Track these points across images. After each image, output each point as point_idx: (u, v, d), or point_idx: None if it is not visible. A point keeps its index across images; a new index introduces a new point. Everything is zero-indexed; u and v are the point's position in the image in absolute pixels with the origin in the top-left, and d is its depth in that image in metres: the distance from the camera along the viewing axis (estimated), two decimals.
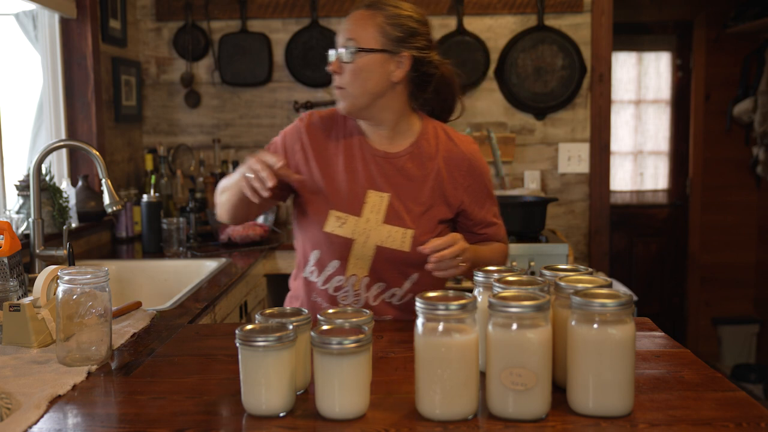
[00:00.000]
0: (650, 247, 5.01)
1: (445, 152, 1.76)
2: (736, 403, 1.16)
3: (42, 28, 2.97)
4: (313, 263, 1.76)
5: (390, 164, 1.74)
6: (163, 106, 3.71)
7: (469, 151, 1.78)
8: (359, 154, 1.75)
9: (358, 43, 1.66)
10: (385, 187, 1.72)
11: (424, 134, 1.77)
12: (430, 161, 1.74)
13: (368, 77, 1.67)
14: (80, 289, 1.36)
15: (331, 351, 1.09)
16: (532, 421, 1.09)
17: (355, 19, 1.68)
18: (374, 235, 1.70)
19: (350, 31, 1.67)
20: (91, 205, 2.96)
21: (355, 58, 1.65)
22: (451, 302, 1.08)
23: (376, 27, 1.66)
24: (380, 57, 1.67)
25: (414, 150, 1.75)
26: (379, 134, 1.75)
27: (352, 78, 1.67)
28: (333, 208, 1.71)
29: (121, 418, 1.17)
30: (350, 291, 1.73)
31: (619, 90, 4.90)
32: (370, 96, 1.68)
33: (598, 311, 1.08)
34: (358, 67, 1.66)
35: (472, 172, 1.77)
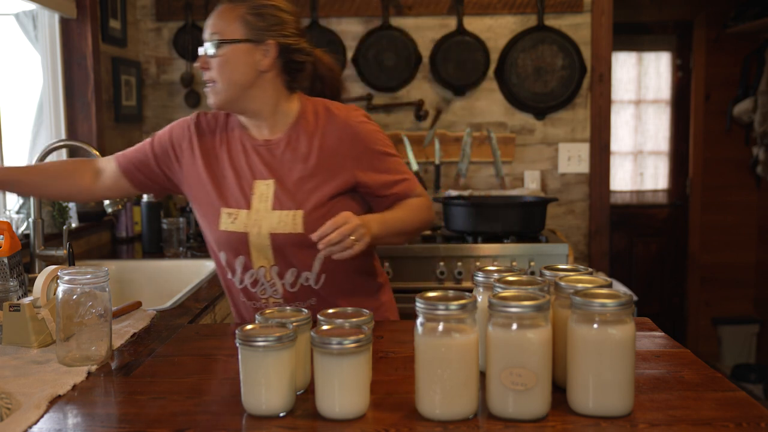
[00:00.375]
0: (650, 247, 5.01)
1: (325, 127, 1.73)
2: (736, 403, 1.16)
3: (42, 28, 2.97)
4: (225, 265, 1.77)
5: (271, 151, 1.74)
6: (163, 106, 3.71)
7: (350, 118, 1.74)
8: (241, 147, 1.76)
9: (221, 35, 1.66)
10: (269, 175, 1.72)
11: (303, 114, 1.75)
12: (311, 139, 1.72)
13: (234, 68, 1.67)
14: (80, 289, 1.36)
15: (331, 351, 1.09)
16: (532, 421, 1.09)
17: (217, 13, 1.68)
18: (265, 224, 1.69)
19: (213, 25, 1.68)
20: (91, 205, 2.96)
21: (219, 51, 1.66)
22: (451, 302, 1.08)
23: (239, 18, 1.66)
24: (244, 47, 1.66)
25: (293, 133, 1.74)
26: (258, 124, 1.75)
27: (218, 71, 1.67)
28: (224, 206, 1.73)
29: (121, 418, 1.17)
30: (265, 283, 1.74)
31: (619, 90, 4.90)
32: (238, 87, 1.68)
33: (598, 311, 1.08)
34: (223, 60, 1.66)
35: (356, 138, 1.73)
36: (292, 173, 1.72)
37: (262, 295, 1.75)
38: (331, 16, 3.62)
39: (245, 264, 1.73)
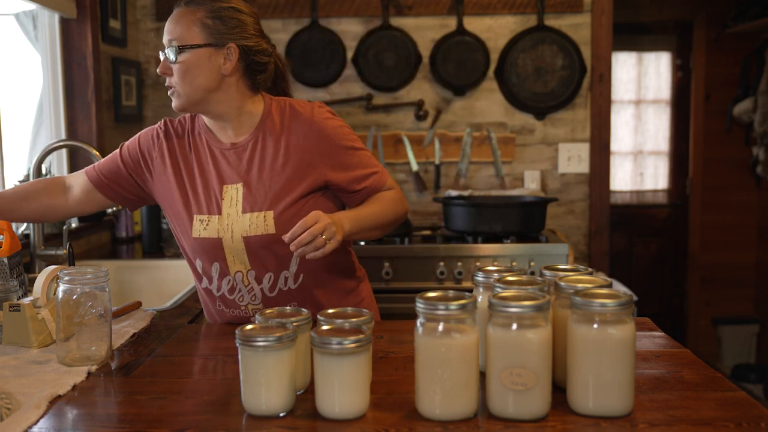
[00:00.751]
0: (650, 247, 5.01)
1: (290, 126, 1.72)
2: (736, 403, 1.16)
3: (42, 28, 2.97)
4: (200, 272, 1.75)
5: (238, 154, 1.72)
6: (163, 106, 3.71)
7: (314, 115, 1.73)
8: (208, 152, 1.74)
9: (180, 41, 1.64)
10: (237, 178, 1.71)
11: (268, 115, 1.73)
12: (277, 140, 1.71)
13: (197, 74, 1.65)
14: (80, 289, 1.36)
15: (331, 351, 1.09)
16: (532, 421, 1.09)
17: (175, 18, 1.66)
18: (237, 228, 1.68)
19: (171, 31, 1.65)
20: None
21: (180, 57, 1.64)
22: (451, 302, 1.08)
23: (197, 22, 1.64)
24: (205, 52, 1.65)
25: (258, 134, 1.72)
26: (223, 127, 1.74)
27: (180, 77, 1.66)
28: (196, 212, 1.71)
29: (121, 418, 1.17)
30: (243, 288, 1.71)
31: (619, 90, 4.90)
32: (202, 92, 1.67)
33: (598, 311, 1.08)
34: (185, 66, 1.65)
35: (322, 135, 1.71)
36: (260, 175, 1.70)
37: (240, 302, 1.72)
38: (331, 16, 3.62)
39: (221, 270, 1.71)
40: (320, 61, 3.60)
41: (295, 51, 3.62)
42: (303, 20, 3.63)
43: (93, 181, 1.79)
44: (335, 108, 3.66)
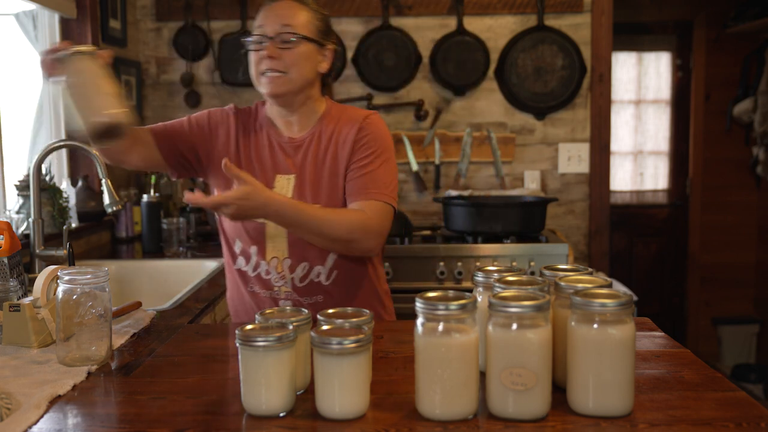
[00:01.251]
0: (650, 247, 5.01)
1: (342, 126, 1.79)
2: (736, 403, 1.16)
3: (42, 28, 2.97)
4: (240, 253, 1.80)
5: (294, 148, 1.79)
6: (163, 106, 3.71)
7: (363, 116, 1.80)
8: (267, 142, 1.81)
9: (296, 29, 1.71)
10: (290, 170, 1.78)
11: (327, 115, 1.82)
12: (330, 138, 1.79)
13: (306, 64, 1.73)
14: (80, 289, 1.36)
15: (331, 351, 1.09)
16: (532, 421, 1.09)
17: (288, 8, 1.72)
18: None
19: (285, 16, 1.71)
20: (91, 205, 2.96)
21: (294, 44, 1.71)
22: (451, 302, 1.08)
23: (309, 18, 1.74)
24: (313, 47, 1.74)
25: (316, 131, 1.80)
26: (288, 121, 1.81)
27: (292, 62, 1.71)
28: None
29: (121, 418, 1.17)
30: (275, 275, 1.77)
31: (619, 90, 4.90)
32: (304, 83, 1.74)
33: (598, 311, 1.08)
34: (299, 53, 1.72)
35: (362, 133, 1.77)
36: (312, 170, 1.77)
37: (275, 284, 1.78)
38: (331, 16, 3.59)
39: (259, 253, 1.77)
40: None
41: None
42: None
43: (155, 132, 1.80)
44: None
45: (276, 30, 1.71)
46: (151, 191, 3.12)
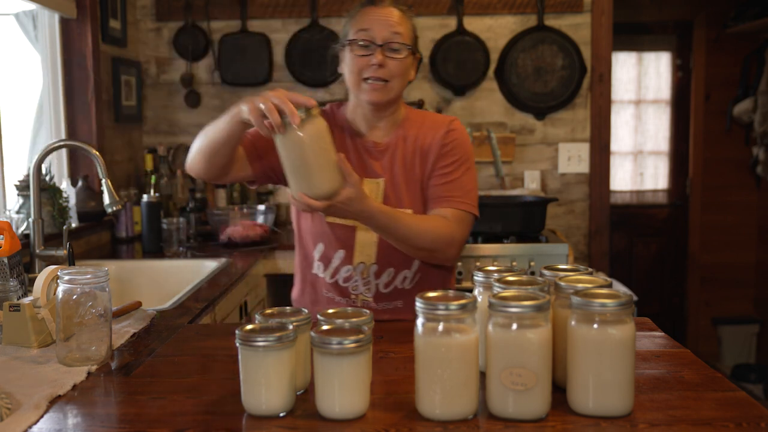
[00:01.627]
0: (650, 247, 5.01)
1: (429, 130, 1.79)
2: (736, 403, 1.16)
3: (42, 28, 2.97)
4: (319, 258, 1.78)
5: (379, 152, 1.79)
6: (163, 106, 3.71)
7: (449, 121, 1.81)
8: (352, 146, 1.79)
9: (404, 39, 1.71)
10: (378, 174, 1.77)
11: (407, 119, 1.82)
12: (414, 142, 1.79)
13: (406, 74, 1.75)
14: (80, 289, 1.36)
15: (331, 351, 1.09)
16: (532, 421, 1.09)
17: (398, 18, 1.71)
18: None
19: (394, 24, 1.70)
20: (91, 205, 2.96)
21: (402, 53, 1.71)
22: (451, 302, 1.08)
23: (411, 28, 1.75)
24: (411, 57, 1.76)
25: (400, 135, 1.80)
26: (374, 126, 1.80)
27: (398, 72, 1.71)
28: None
29: (121, 418, 1.17)
30: (359, 280, 1.75)
31: (619, 90, 4.90)
32: (400, 90, 1.76)
33: (598, 311, 1.08)
34: (403, 63, 1.72)
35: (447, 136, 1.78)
36: (399, 174, 1.77)
37: (353, 291, 1.77)
38: (331, 16, 3.62)
39: (344, 258, 1.75)
40: (320, 61, 3.60)
41: (295, 51, 3.62)
42: (303, 20, 3.63)
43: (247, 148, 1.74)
44: None
45: (385, 37, 1.69)
46: (151, 191, 3.12)
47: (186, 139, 3.70)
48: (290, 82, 3.67)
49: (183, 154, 3.65)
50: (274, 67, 3.66)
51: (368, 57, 1.69)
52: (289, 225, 3.63)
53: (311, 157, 1.46)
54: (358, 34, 1.69)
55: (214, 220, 3.13)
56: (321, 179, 1.49)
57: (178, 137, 3.71)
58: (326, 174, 1.49)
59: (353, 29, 1.71)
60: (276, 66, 3.67)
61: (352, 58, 1.71)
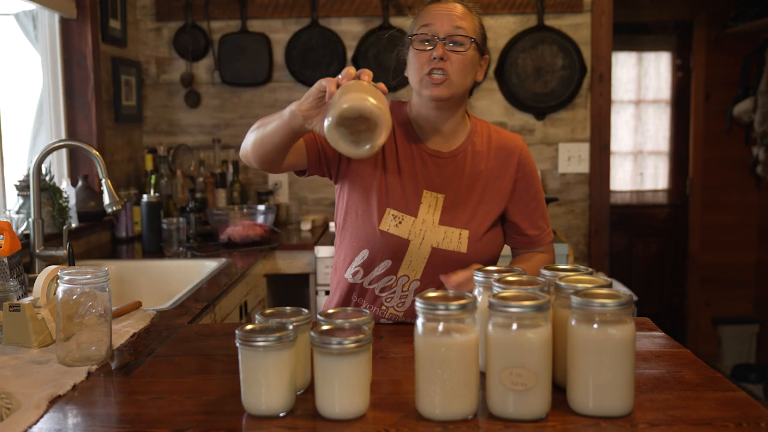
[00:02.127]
0: (650, 247, 5.01)
1: (496, 149, 1.74)
2: (736, 403, 1.16)
3: (42, 28, 2.97)
4: (359, 263, 1.71)
5: (444, 164, 1.71)
6: (163, 106, 3.71)
7: (520, 146, 1.77)
8: (416, 153, 1.71)
9: (467, 32, 1.63)
10: (440, 187, 1.69)
11: (474, 132, 1.75)
12: (482, 159, 1.72)
13: (469, 70, 1.66)
14: (80, 289, 1.36)
15: (331, 351, 1.09)
16: (532, 421, 1.09)
17: (461, 11, 1.65)
18: (430, 237, 1.66)
19: (457, 18, 1.63)
20: (91, 205, 2.96)
21: (464, 48, 1.62)
22: (451, 302, 1.08)
23: (477, 25, 1.67)
24: (477, 54, 1.67)
25: (466, 148, 1.72)
26: (437, 132, 1.71)
27: (459, 67, 1.62)
28: (390, 206, 1.67)
29: (121, 418, 1.17)
30: (398, 292, 1.70)
31: (619, 90, 4.90)
32: (464, 89, 1.67)
33: (598, 311, 1.08)
34: (467, 58, 1.63)
35: (522, 166, 1.75)
36: (461, 190, 1.70)
37: (386, 302, 1.71)
38: (331, 16, 3.62)
39: (390, 269, 1.68)
40: (320, 61, 3.60)
41: (295, 51, 3.62)
42: (303, 20, 3.63)
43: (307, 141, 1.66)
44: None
45: (447, 31, 1.62)
46: (151, 191, 3.13)
47: (186, 139, 3.70)
48: (290, 82, 3.67)
49: (183, 154, 3.65)
50: (274, 67, 3.66)
51: (430, 51, 1.62)
52: (289, 225, 3.63)
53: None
54: (420, 30, 1.64)
55: (214, 220, 3.13)
56: None
57: (178, 137, 3.71)
58: None
59: (416, 26, 1.66)
60: (276, 66, 3.67)
61: (415, 54, 1.65)
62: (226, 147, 3.70)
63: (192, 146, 3.68)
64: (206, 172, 3.60)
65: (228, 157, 3.67)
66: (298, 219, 3.67)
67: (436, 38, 1.62)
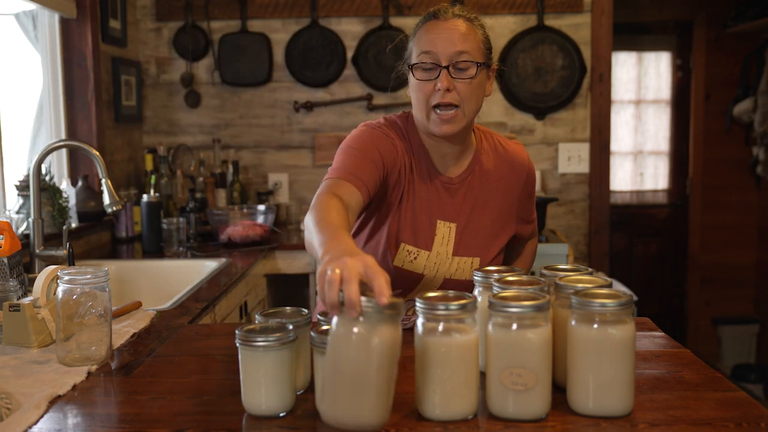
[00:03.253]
0: (650, 247, 5.01)
1: (504, 167, 1.67)
2: (736, 403, 1.16)
3: (42, 28, 2.97)
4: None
5: (455, 190, 1.62)
6: (163, 106, 3.71)
7: (527, 163, 1.70)
8: (427, 179, 1.60)
9: (473, 56, 1.52)
10: (452, 216, 1.61)
11: (481, 150, 1.65)
12: (489, 180, 1.65)
13: (479, 95, 1.55)
14: (80, 289, 1.36)
15: None
16: (532, 421, 1.09)
17: (463, 32, 1.52)
18: (443, 269, 1.62)
19: (460, 41, 1.51)
20: (91, 205, 2.96)
21: (472, 73, 1.51)
22: (451, 302, 1.08)
23: (481, 40, 1.56)
24: (484, 73, 1.57)
25: (474, 169, 1.64)
26: (445, 155, 1.61)
27: (469, 95, 1.51)
28: (404, 241, 1.59)
29: (121, 418, 1.17)
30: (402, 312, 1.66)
31: (619, 90, 4.90)
32: (475, 113, 1.56)
33: (598, 311, 1.08)
34: (474, 84, 1.52)
35: (528, 180, 1.72)
36: (472, 217, 1.62)
37: None
38: (331, 16, 3.62)
39: (399, 295, 1.60)
40: (320, 61, 3.60)
41: (295, 51, 3.62)
42: (303, 20, 3.63)
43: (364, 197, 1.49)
44: (335, 107, 3.66)
45: (450, 57, 1.50)
46: (151, 191, 3.12)
47: (186, 139, 3.70)
48: (290, 82, 3.67)
49: (183, 154, 3.65)
50: (274, 67, 3.66)
51: (434, 82, 1.51)
52: (289, 225, 3.63)
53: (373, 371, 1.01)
54: (421, 57, 1.52)
55: (214, 220, 3.13)
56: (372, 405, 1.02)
57: (178, 137, 3.71)
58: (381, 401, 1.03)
59: (416, 50, 1.54)
60: (276, 66, 3.67)
61: (417, 84, 1.53)
62: (226, 147, 3.70)
63: (192, 146, 3.68)
64: (206, 172, 3.60)
65: (228, 157, 3.67)
66: (298, 219, 3.67)
67: (439, 66, 1.51)
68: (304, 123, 3.69)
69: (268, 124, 3.70)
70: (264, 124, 3.70)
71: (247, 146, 3.71)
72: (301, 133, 3.70)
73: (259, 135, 3.70)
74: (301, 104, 3.64)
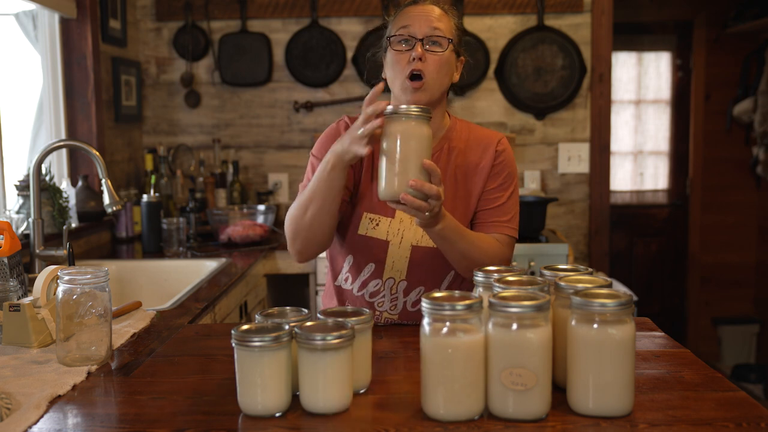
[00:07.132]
0: (650, 247, 5.01)
1: (472, 143, 1.73)
2: (736, 403, 1.16)
3: (42, 28, 2.97)
4: (347, 269, 1.73)
5: None
6: (163, 106, 3.71)
7: (497, 140, 1.75)
8: None
9: (445, 33, 1.64)
10: None
11: (452, 130, 1.76)
12: (458, 154, 1.73)
13: (447, 72, 1.67)
14: (80, 289, 1.36)
15: (316, 347, 1.09)
16: (532, 421, 1.09)
17: (438, 13, 1.66)
18: (408, 235, 1.68)
19: (437, 20, 1.64)
20: (91, 205, 2.96)
21: (441, 48, 1.63)
22: (457, 302, 1.08)
23: (454, 26, 1.69)
24: (453, 55, 1.68)
25: (443, 146, 1.73)
26: None
27: (436, 68, 1.63)
28: (366, 210, 1.69)
29: (121, 418, 1.17)
30: (387, 295, 1.71)
31: (619, 90, 4.90)
32: (441, 91, 1.68)
33: (598, 311, 1.08)
34: (443, 59, 1.64)
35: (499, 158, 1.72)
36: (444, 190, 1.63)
37: (378, 307, 1.71)
38: (331, 16, 3.62)
39: (374, 272, 1.70)
40: (320, 61, 3.60)
41: (295, 51, 3.62)
42: (303, 20, 3.63)
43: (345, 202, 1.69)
44: (335, 108, 3.66)
45: (425, 32, 1.63)
46: (151, 191, 3.12)
47: (186, 139, 3.70)
48: (290, 82, 3.67)
49: (183, 154, 3.65)
50: (274, 67, 3.66)
51: (408, 52, 1.64)
52: None
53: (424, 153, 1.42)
54: (399, 31, 1.66)
55: (214, 220, 3.13)
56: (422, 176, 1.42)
57: (178, 137, 3.71)
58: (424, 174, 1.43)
59: (395, 27, 1.68)
60: (276, 66, 3.67)
61: (393, 54, 1.66)
62: (226, 147, 3.70)
63: (192, 146, 3.68)
64: (206, 172, 3.60)
65: (228, 157, 3.67)
66: None
67: (414, 39, 1.63)
68: (304, 123, 3.69)
69: (268, 124, 3.70)
70: (264, 124, 3.70)
71: (247, 146, 3.71)
72: (301, 133, 3.70)
73: (259, 135, 3.70)
74: (301, 104, 3.64)
